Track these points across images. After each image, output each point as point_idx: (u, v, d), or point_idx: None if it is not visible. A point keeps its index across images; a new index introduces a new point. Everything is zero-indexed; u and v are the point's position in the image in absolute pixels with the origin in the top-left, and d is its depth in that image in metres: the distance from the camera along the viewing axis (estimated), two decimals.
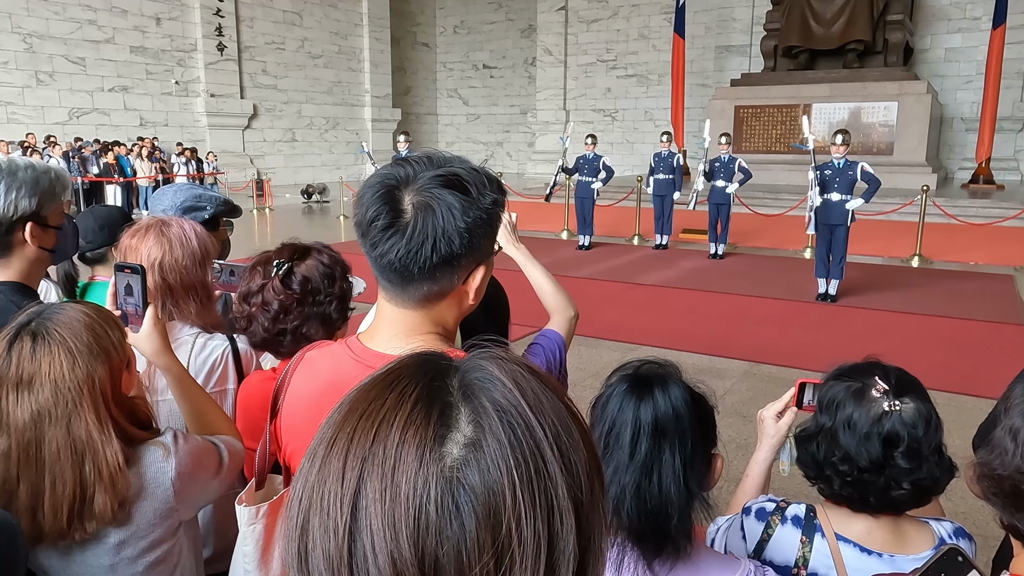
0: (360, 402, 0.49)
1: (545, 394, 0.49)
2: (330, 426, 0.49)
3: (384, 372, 0.51)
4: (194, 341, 1.61)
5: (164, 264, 1.57)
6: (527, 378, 0.50)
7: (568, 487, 0.46)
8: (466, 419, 0.46)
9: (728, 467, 4.33)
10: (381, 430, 0.46)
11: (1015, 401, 0.96)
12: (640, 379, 1.13)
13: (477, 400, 0.47)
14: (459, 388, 0.48)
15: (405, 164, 1.02)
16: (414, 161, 1.03)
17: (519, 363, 0.52)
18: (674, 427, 1.08)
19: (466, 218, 0.99)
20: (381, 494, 0.44)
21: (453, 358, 0.54)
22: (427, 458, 0.44)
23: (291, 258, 1.47)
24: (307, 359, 1.18)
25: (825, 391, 1.25)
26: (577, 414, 0.53)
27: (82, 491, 1.08)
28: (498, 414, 0.46)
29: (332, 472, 0.46)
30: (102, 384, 1.10)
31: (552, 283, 1.80)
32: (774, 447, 1.46)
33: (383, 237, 0.99)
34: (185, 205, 2.07)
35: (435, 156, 1.05)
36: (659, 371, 1.16)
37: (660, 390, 1.10)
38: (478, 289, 1.08)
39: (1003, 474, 0.90)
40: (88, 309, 1.15)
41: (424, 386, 0.48)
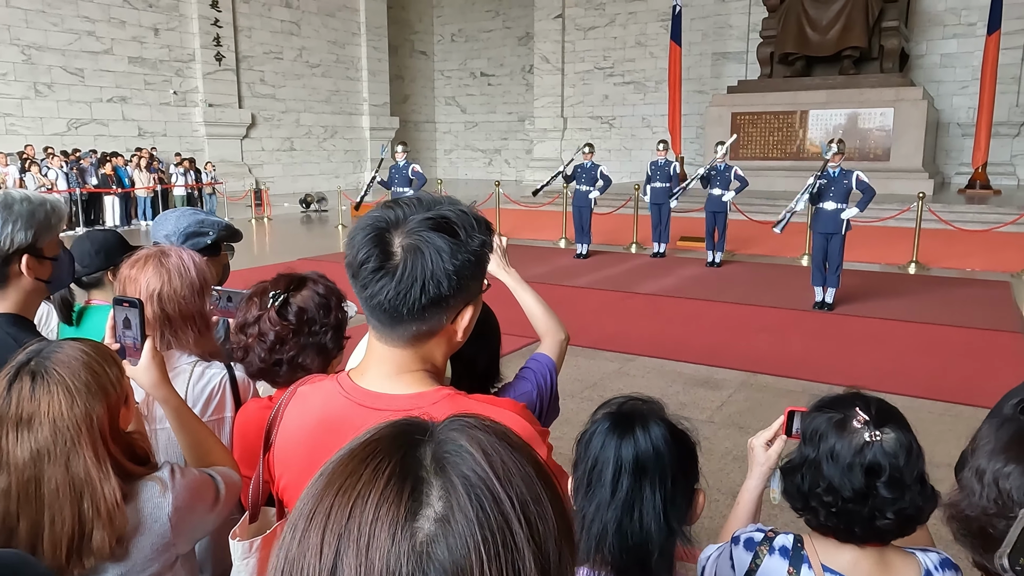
0: (337, 476, 0.51)
1: (515, 462, 0.52)
2: (310, 499, 0.52)
3: (361, 444, 0.53)
4: (192, 369, 1.64)
5: (163, 294, 1.59)
6: (497, 448, 0.52)
7: (535, 557, 0.48)
8: (437, 494, 0.48)
9: (725, 480, 4.31)
10: (356, 507, 0.48)
11: (981, 442, 0.98)
12: (622, 417, 1.15)
13: (447, 474, 0.49)
14: (432, 461, 0.51)
15: (395, 207, 1.05)
16: (404, 204, 1.05)
17: (491, 430, 0.54)
18: (655, 465, 1.10)
19: (454, 261, 1.01)
20: (356, 570, 0.46)
21: (429, 423, 0.56)
22: (399, 535, 0.47)
23: (287, 289, 1.49)
24: (299, 394, 1.20)
25: (808, 423, 1.28)
26: (548, 476, 0.55)
27: (80, 528, 1.09)
28: (466, 488, 0.48)
29: (311, 547, 0.48)
30: (100, 422, 1.12)
31: (542, 307, 1.82)
32: (764, 475, 1.48)
33: (373, 279, 1.01)
34: (188, 231, 2.09)
35: (425, 198, 1.07)
36: (642, 408, 1.18)
37: (641, 429, 1.12)
38: (466, 328, 1.11)
39: (971, 515, 0.92)
40: (86, 347, 1.17)
41: (397, 461, 0.50)
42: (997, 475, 0.89)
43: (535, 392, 1.69)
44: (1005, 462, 0.91)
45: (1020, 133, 19.66)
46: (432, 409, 1.08)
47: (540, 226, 13.99)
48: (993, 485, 0.89)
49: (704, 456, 4.15)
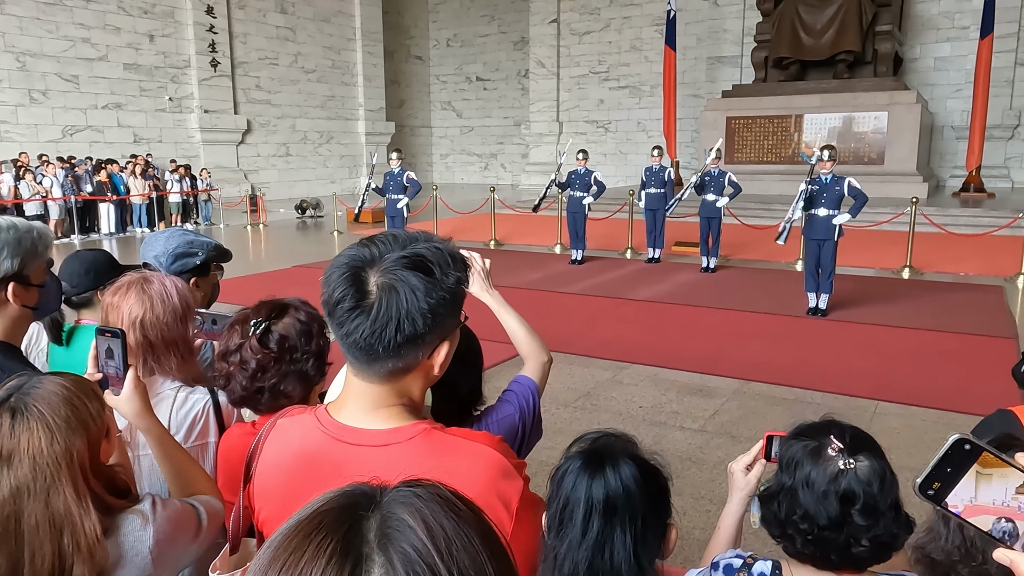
0: (282, 551, 0.52)
1: (460, 535, 0.52)
2: (255, 572, 0.52)
3: (307, 517, 0.54)
4: (175, 395, 1.64)
5: (145, 321, 1.60)
6: (442, 521, 0.52)
7: None
8: (378, 572, 0.49)
9: (716, 489, 4.30)
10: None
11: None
12: (594, 455, 1.16)
13: (389, 551, 0.50)
14: (376, 536, 0.51)
15: (371, 245, 1.06)
16: (380, 241, 1.06)
17: (440, 499, 0.54)
18: (625, 505, 1.11)
19: (429, 299, 1.02)
20: None
21: (378, 493, 0.56)
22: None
23: (268, 316, 1.49)
24: (279, 427, 1.21)
25: (784, 450, 1.29)
26: (497, 545, 0.55)
27: (61, 564, 1.10)
28: (406, 565, 0.49)
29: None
30: (80, 457, 1.12)
31: (526, 329, 1.83)
32: (744, 500, 1.49)
33: (349, 317, 1.02)
34: (177, 251, 2.10)
35: (400, 236, 1.08)
36: (614, 446, 1.19)
37: (612, 468, 1.13)
38: (443, 363, 1.12)
39: (936, 559, 0.92)
40: (66, 381, 1.17)
41: (340, 539, 0.51)
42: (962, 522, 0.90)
43: (517, 415, 1.69)
44: None
45: (1014, 136, 19.75)
46: (408, 444, 1.09)
47: (535, 232, 14.01)
48: (958, 531, 0.90)
49: (696, 466, 4.14)
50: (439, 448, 1.08)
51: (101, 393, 1.26)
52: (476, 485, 1.07)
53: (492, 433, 1.67)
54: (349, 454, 1.09)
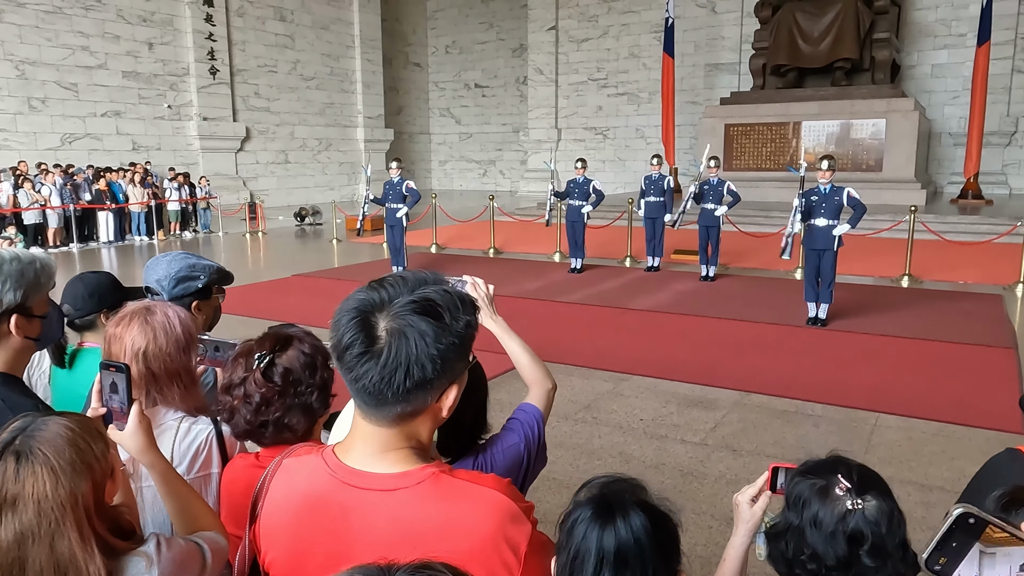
0: None
1: None
2: None
3: None
4: (178, 426, 1.64)
5: (148, 352, 1.60)
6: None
7: None
8: None
9: (718, 504, 4.28)
10: None
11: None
12: (604, 504, 1.15)
13: None
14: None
15: (380, 288, 1.06)
16: (389, 284, 1.06)
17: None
18: (635, 556, 1.11)
19: (439, 344, 1.02)
20: None
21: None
22: None
23: (272, 349, 1.49)
24: (285, 467, 1.20)
25: (791, 488, 1.28)
26: None
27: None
28: None
29: None
30: (85, 500, 1.12)
31: (530, 356, 1.82)
32: (750, 531, 1.48)
33: (358, 363, 1.02)
34: (179, 275, 2.10)
35: (409, 278, 1.08)
36: (624, 493, 1.18)
37: (622, 518, 1.12)
38: (451, 406, 1.11)
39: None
40: (71, 423, 1.17)
41: None
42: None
43: (522, 444, 1.69)
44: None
45: (1011, 142, 19.80)
46: (416, 489, 1.09)
47: (534, 240, 14.01)
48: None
49: (698, 481, 4.13)
50: (447, 493, 1.08)
51: (105, 433, 1.25)
52: (484, 530, 1.06)
53: (498, 462, 1.67)
54: (357, 498, 1.09)
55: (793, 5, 18.50)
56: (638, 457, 4.56)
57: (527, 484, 1.74)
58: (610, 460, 4.51)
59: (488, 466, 1.64)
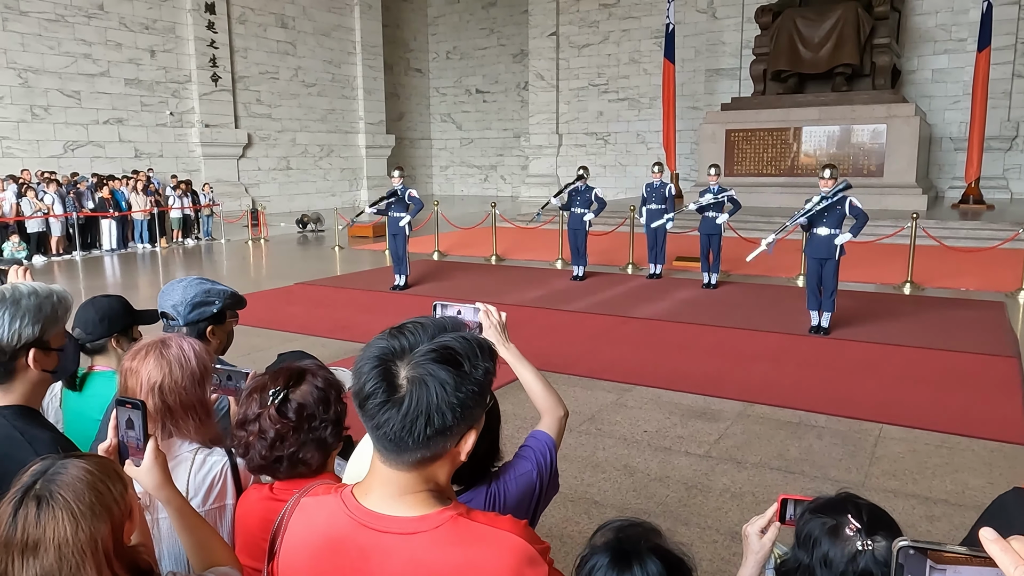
0: None
1: None
2: None
3: None
4: (193, 458, 1.65)
5: (164, 386, 1.61)
6: None
7: None
8: None
9: (723, 519, 4.29)
10: None
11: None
12: (621, 553, 1.17)
13: None
14: None
15: (400, 336, 1.08)
16: (408, 332, 1.08)
17: None
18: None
19: (459, 393, 1.05)
20: None
21: None
22: None
23: (287, 385, 1.51)
24: (303, 506, 1.22)
25: (801, 526, 1.30)
26: None
27: None
28: None
29: None
30: (104, 543, 1.13)
31: (542, 383, 1.84)
32: (759, 563, 1.50)
33: (379, 411, 1.05)
34: (195, 300, 2.13)
35: (429, 325, 1.10)
36: (640, 539, 1.20)
37: (639, 566, 1.14)
38: (468, 450, 1.13)
39: None
40: (90, 465, 1.18)
41: None
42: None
43: (535, 472, 1.71)
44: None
45: (1012, 147, 19.82)
46: (435, 533, 1.11)
47: (535, 247, 14.04)
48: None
49: (702, 494, 4.14)
50: (465, 537, 1.10)
51: (124, 473, 1.27)
52: (502, 574, 1.08)
53: (510, 490, 1.69)
54: (375, 541, 1.11)
55: (794, 11, 18.56)
56: (642, 470, 4.57)
57: (539, 511, 1.75)
58: (614, 473, 4.53)
59: (501, 494, 1.65)
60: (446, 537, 1.09)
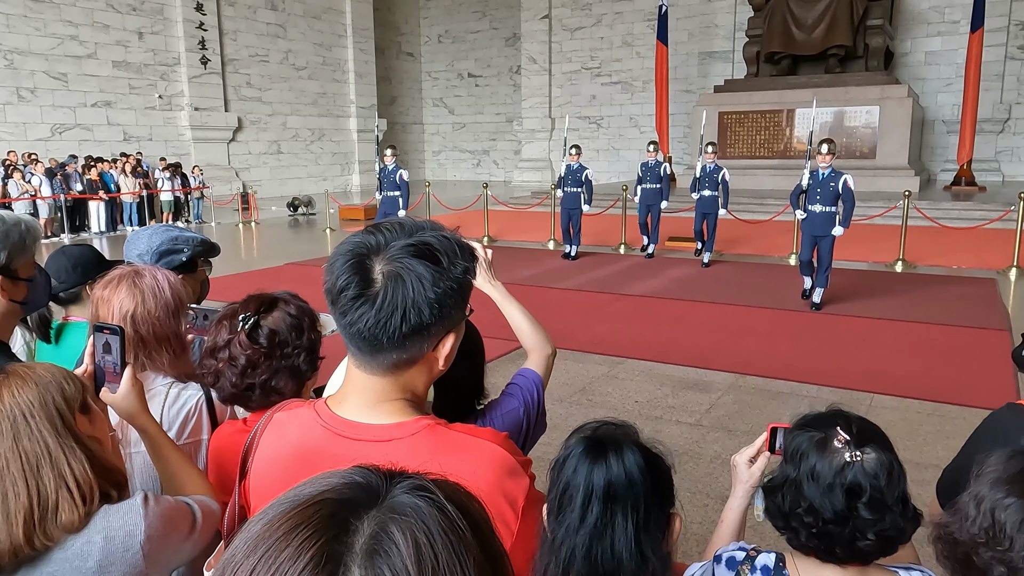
0: (269, 534, 0.49)
1: (451, 568, 0.49)
2: (242, 545, 0.50)
3: (298, 508, 0.51)
4: (167, 391, 1.61)
5: (136, 316, 1.56)
6: (435, 549, 0.49)
7: None
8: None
9: (714, 484, 4.28)
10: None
11: (987, 469, 0.97)
12: (596, 442, 1.13)
13: (372, 568, 0.47)
14: (363, 546, 0.48)
15: (376, 232, 1.03)
16: (385, 229, 1.03)
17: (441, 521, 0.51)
18: (627, 492, 1.09)
19: (436, 288, 0.99)
20: None
21: (382, 491, 0.53)
22: None
23: (257, 311, 1.46)
24: (275, 421, 1.18)
25: (789, 441, 1.26)
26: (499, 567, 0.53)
27: (42, 500, 1.11)
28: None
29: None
30: (59, 406, 1.14)
31: (529, 321, 1.80)
32: (748, 492, 1.47)
33: (352, 306, 0.99)
34: (161, 249, 2.05)
35: (407, 224, 1.05)
36: (615, 433, 1.17)
37: (615, 455, 1.11)
38: (448, 356, 1.09)
39: (959, 539, 0.91)
40: (46, 364, 1.18)
41: (325, 543, 0.48)
42: (995, 505, 0.88)
43: (522, 409, 1.67)
44: (1007, 494, 0.90)
45: (1004, 130, 19.83)
46: (411, 440, 1.06)
47: (528, 228, 13.98)
48: (989, 514, 0.88)
49: (693, 461, 4.12)
50: (443, 445, 1.05)
51: (81, 379, 1.24)
52: (481, 484, 1.04)
53: (497, 428, 1.65)
54: (349, 450, 1.06)
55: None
56: None
57: (526, 450, 1.72)
58: None
59: None
60: (423, 445, 1.05)
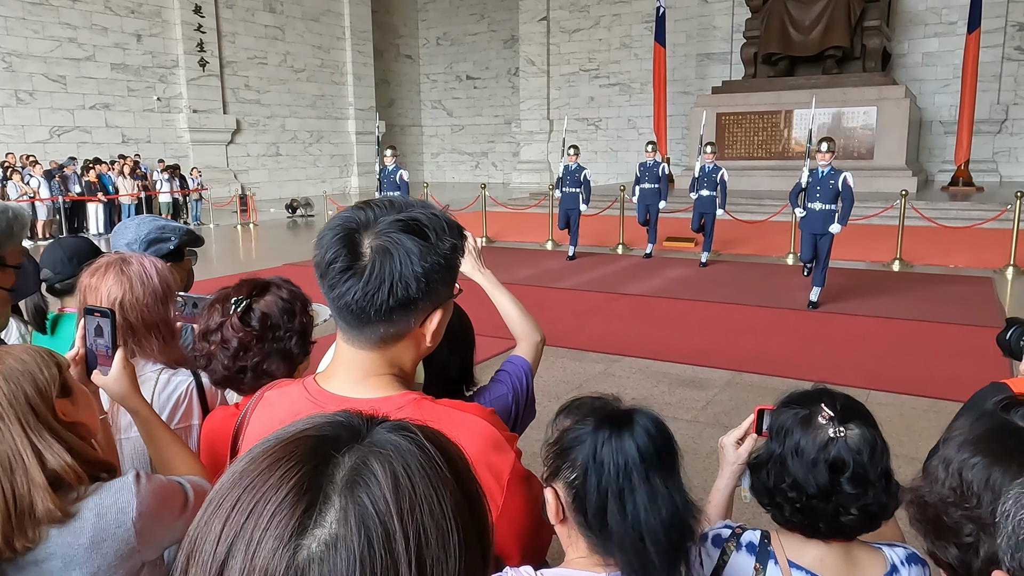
0: (253, 468, 0.50)
1: (428, 499, 0.50)
2: (228, 479, 0.51)
3: (283, 443, 0.52)
4: (157, 377, 1.61)
5: (125, 303, 1.57)
6: (413, 481, 0.50)
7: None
8: (334, 516, 0.47)
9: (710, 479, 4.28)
10: (256, 510, 0.48)
11: (955, 432, 0.99)
12: (606, 418, 1.12)
13: (351, 498, 0.48)
14: (344, 478, 0.49)
15: (366, 208, 1.04)
16: (375, 205, 1.05)
17: (420, 456, 0.52)
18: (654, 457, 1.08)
19: (423, 263, 1.00)
20: (240, 571, 0.46)
21: (364, 429, 0.55)
22: (281, 549, 0.46)
23: (249, 294, 1.47)
24: (265, 399, 1.19)
25: (775, 418, 1.27)
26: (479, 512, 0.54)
27: (18, 502, 1.10)
28: (359, 520, 0.47)
29: (212, 531, 0.48)
30: (33, 401, 1.13)
31: (518, 309, 1.81)
32: (735, 473, 1.48)
33: (340, 279, 1.01)
34: (149, 238, 2.07)
35: (397, 201, 1.06)
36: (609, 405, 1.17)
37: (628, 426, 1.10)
38: (435, 332, 1.10)
39: (929, 501, 0.92)
40: (21, 347, 1.18)
41: (306, 473, 0.49)
42: (962, 465, 0.89)
43: (510, 395, 1.68)
44: (972, 453, 0.92)
45: (1001, 130, 19.84)
46: (397, 415, 1.07)
47: (526, 229, 13.99)
48: (956, 475, 0.90)
49: (689, 456, 4.13)
50: (429, 419, 1.06)
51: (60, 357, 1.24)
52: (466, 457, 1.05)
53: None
54: None
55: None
56: None
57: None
58: None
59: None
60: (409, 418, 1.06)
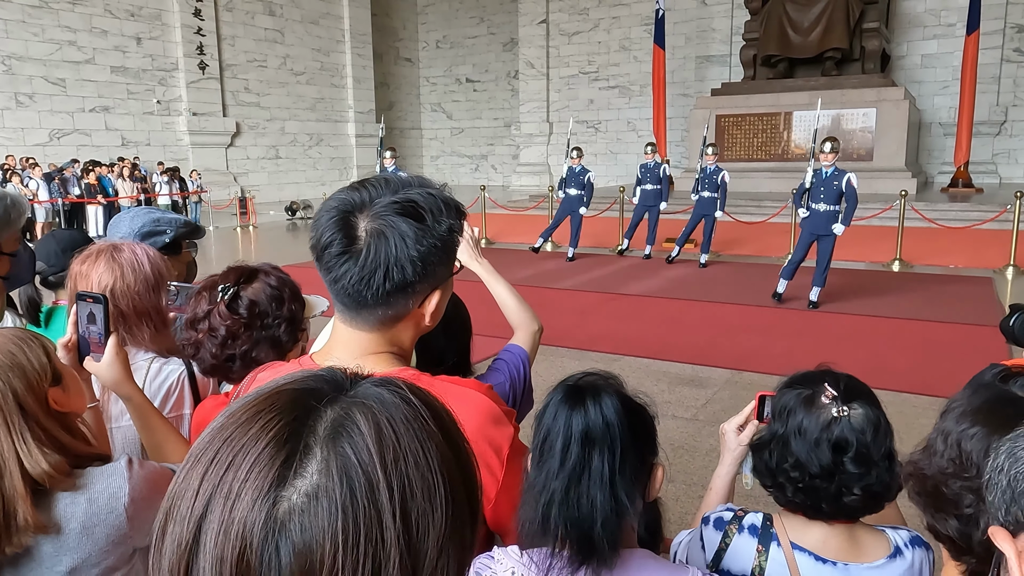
0: (232, 422, 0.49)
1: (412, 451, 0.48)
2: (207, 436, 0.50)
3: (263, 396, 0.51)
4: (149, 366, 1.59)
5: (116, 290, 1.55)
6: (398, 429, 0.49)
7: (402, 555, 0.46)
8: (316, 467, 0.46)
9: (710, 476, 4.24)
10: (235, 462, 0.47)
11: (953, 405, 0.97)
12: (576, 390, 1.13)
13: (333, 449, 0.47)
14: (326, 430, 0.48)
15: (362, 188, 1.02)
16: (371, 185, 1.03)
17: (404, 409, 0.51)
18: (603, 435, 1.08)
19: (419, 246, 0.99)
20: (219, 525, 0.45)
21: (347, 383, 0.53)
22: (260, 501, 0.45)
23: (237, 282, 1.45)
24: (259, 380, 1.17)
25: (777, 399, 1.26)
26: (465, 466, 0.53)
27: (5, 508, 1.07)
28: (341, 470, 0.46)
29: (190, 488, 0.47)
30: (21, 398, 1.10)
31: (515, 298, 1.79)
32: (736, 460, 1.46)
33: (337, 263, 0.99)
34: (143, 231, 2.04)
35: (393, 180, 1.04)
36: (597, 382, 1.16)
37: (592, 400, 1.10)
38: (435, 312, 1.08)
39: (928, 473, 0.91)
40: (5, 335, 1.15)
41: (287, 424, 0.48)
42: (961, 436, 0.88)
43: (508, 383, 1.66)
44: (971, 424, 0.90)
45: (1001, 132, 19.84)
46: None
47: (525, 230, 13.97)
48: (955, 446, 0.89)
49: (689, 454, 4.10)
50: None
51: (47, 342, 1.22)
52: (466, 430, 1.03)
53: None
54: None
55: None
56: None
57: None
58: None
59: None
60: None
